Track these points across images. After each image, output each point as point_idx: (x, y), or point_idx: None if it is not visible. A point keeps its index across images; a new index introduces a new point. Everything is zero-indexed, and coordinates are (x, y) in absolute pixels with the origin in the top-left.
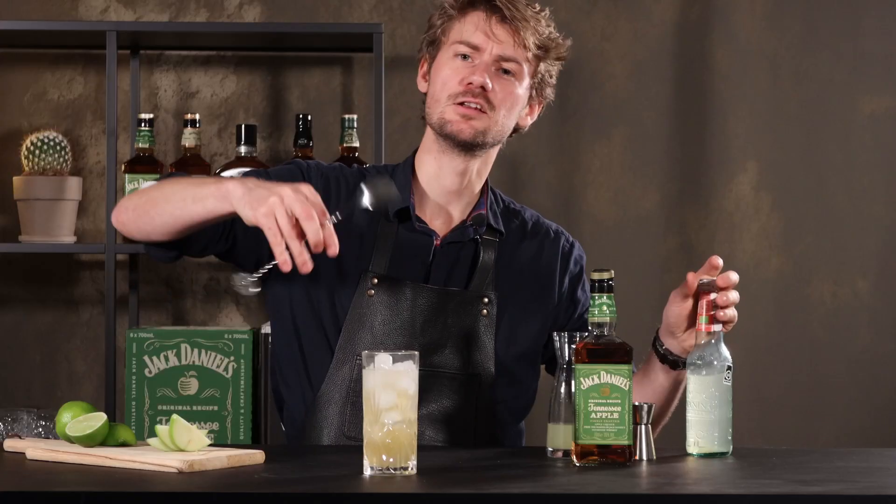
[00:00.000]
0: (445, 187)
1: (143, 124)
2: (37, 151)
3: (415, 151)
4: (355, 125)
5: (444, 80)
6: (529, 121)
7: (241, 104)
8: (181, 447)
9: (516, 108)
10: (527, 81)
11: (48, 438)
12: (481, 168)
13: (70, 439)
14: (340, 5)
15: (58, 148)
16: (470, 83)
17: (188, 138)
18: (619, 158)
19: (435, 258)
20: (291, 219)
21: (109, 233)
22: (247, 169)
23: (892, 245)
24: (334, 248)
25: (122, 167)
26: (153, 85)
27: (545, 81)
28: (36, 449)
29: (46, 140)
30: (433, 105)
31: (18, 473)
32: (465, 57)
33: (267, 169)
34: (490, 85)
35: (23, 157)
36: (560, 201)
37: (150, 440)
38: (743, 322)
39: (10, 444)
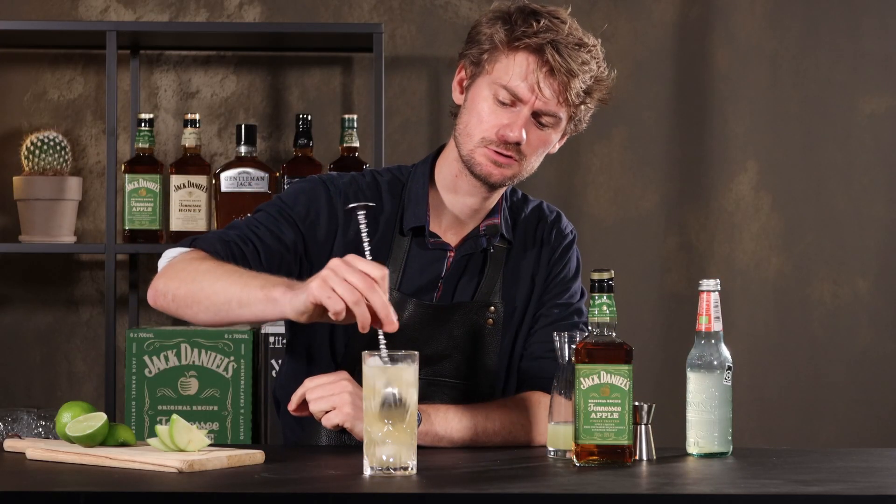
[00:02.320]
0: (467, 206)
1: (143, 124)
2: (37, 151)
3: (434, 155)
4: (355, 125)
5: (479, 119)
6: (559, 146)
7: (241, 104)
8: (181, 447)
9: (546, 150)
10: (563, 125)
11: (48, 438)
12: (501, 189)
13: (70, 439)
14: (340, 5)
15: (58, 148)
16: (507, 137)
17: (188, 138)
18: (619, 158)
19: (448, 271)
20: (350, 286)
21: (109, 233)
22: (247, 169)
23: (892, 245)
24: (392, 326)
25: (122, 167)
26: (153, 85)
27: (583, 119)
28: (36, 449)
29: (46, 140)
30: (465, 137)
31: (18, 473)
32: (506, 102)
33: (280, 195)
34: (525, 139)
35: (23, 157)
36: (560, 201)
37: (150, 440)
38: (743, 322)
39: (10, 444)
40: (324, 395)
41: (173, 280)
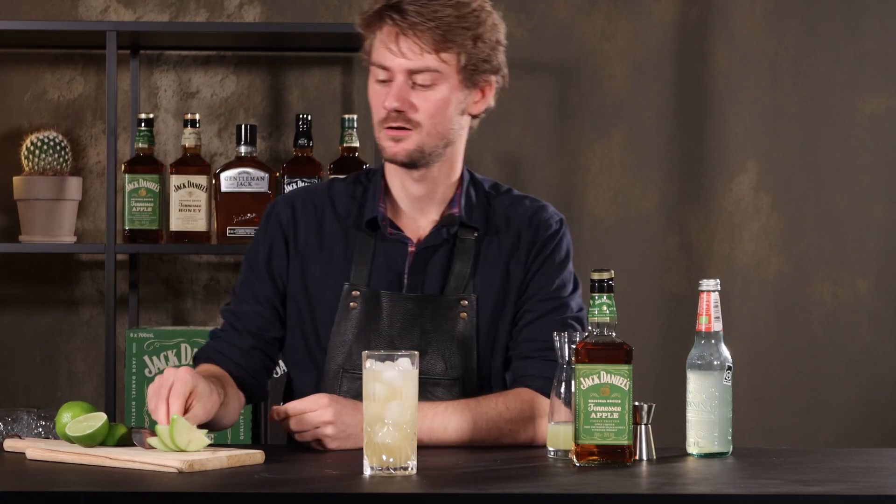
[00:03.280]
0: (412, 195)
1: (143, 124)
2: (37, 151)
3: None
4: (355, 125)
5: (372, 105)
6: (484, 105)
7: (241, 104)
8: (181, 447)
9: (446, 111)
10: (452, 78)
11: (48, 438)
12: (445, 169)
13: (70, 439)
14: (340, 5)
15: (58, 148)
16: (385, 107)
17: (188, 138)
18: (619, 158)
19: (410, 265)
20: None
21: (109, 233)
22: (247, 169)
23: (892, 245)
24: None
25: (122, 167)
26: (153, 85)
27: (478, 66)
28: (36, 449)
29: (46, 140)
30: (374, 128)
31: (18, 473)
32: (383, 79)
33: (249, 247)
34: (402, 106)
35: (23, 157)
36: (560, 201)
37: (150, 440)
38: (743, 322)
39: (10, 444)
40: (306, 427)
41: None
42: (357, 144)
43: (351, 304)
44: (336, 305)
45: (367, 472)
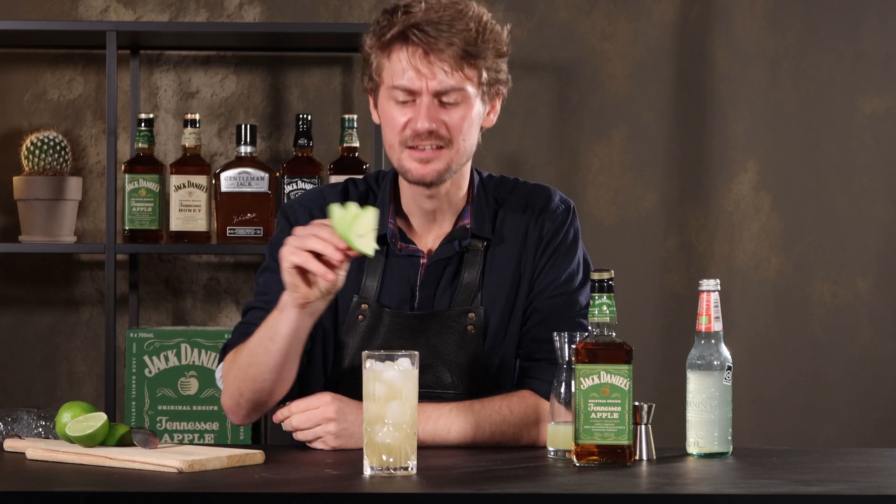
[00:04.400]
0: (424, 210)
1: (142, 124)
2: (37, 151)
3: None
4: (355, 125)
5: (391, 126)
6: (493, 117)
7: (241, 104)
8: (352, 238)
9: (474, 126)
10: (475, 94)
11: (48, 438)
12: (456, 181)
13: (70, 439)
14: (340, 5)
15: (58, 148)
16: (416, 130)
17: (188, 138)
18: (619, 158)
19: (421, 278)
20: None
21: (109, 233)
22: (247, 169)
23: (892, 245)
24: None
25: (122, 167)
26: (153, 85)
27: (496, 80)
28: (36, 449)
29: (46, 140)
30: (389, 150)
31: (18, 473)
32: (405, 100)
33: (269, 246)
34: (435, 126)
35: (23, 157)
36: None
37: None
38: (743, 322)
39: (10, 444)
40: (307, 425)
41: (230, 388)
42: (357, 144)
43: (359, 316)
44: (346, 316)
45: (367, 472)
